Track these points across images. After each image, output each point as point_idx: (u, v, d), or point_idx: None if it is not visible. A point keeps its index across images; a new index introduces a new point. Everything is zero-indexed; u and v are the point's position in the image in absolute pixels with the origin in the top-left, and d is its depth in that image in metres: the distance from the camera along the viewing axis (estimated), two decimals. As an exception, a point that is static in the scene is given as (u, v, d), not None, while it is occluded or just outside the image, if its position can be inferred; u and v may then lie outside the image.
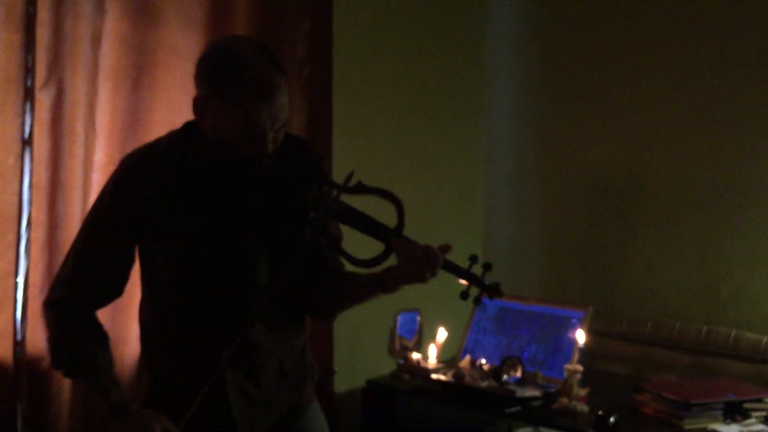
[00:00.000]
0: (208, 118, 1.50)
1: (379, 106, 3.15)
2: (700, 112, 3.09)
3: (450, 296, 3.34)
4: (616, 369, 3.16)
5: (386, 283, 1.55)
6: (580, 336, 2.48)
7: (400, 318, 2.75)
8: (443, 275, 1.52)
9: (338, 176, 1.59)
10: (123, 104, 2.34)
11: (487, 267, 1.55)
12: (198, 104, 1.50)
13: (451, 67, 3.49)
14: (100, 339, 1.63)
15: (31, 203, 2.15)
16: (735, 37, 2.99)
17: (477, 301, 1.53)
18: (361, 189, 1.52)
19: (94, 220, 1.60)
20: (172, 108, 2.38)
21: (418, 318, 2.79)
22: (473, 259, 1.53)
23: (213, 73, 1.48)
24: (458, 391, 2.46)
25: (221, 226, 1.56)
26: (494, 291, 1.54)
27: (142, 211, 1.55)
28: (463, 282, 1.52)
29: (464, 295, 1.53)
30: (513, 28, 3.64)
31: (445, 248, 1.52)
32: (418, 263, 1.47)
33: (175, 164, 1.56)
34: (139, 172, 1.57)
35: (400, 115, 3.25)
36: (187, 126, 1.60)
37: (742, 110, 3.01)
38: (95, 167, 2.27)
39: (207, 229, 1.56)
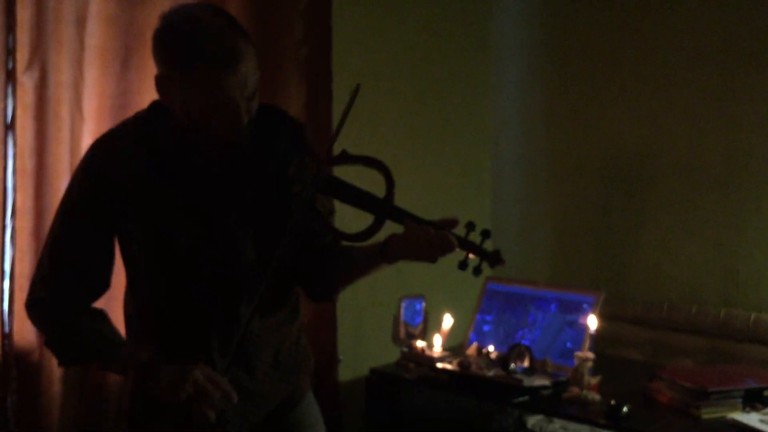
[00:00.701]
0: (173, 97, 1.41)
1: (382, 88, 3.05)
2: (715, 88, 2.98)
3: (456, 281, 3.27)
4: (630, 354, 3.08)
5: (389, 254, 1.47)
6: (592, 322, 2.38)
7: (404, 304, 2.66)
8: (448, 255, 1.43)
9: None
10: (111, 87, 2.25)
11: (486, 234, 1.45)
12: (160, 83, 1.41)
13: (457, 45, 3.39)
14: (97, 316, 1.53)
15: (15, 191, 2.08)
16: (751, 9, 2.87)
17: (477, 271, 1.43)
18: (345, 158, 1.44)
19: (65, 211, 1.50)
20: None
21: (423, 304, 2.70)
22: (470, 226, 1.44)
23: (170, 49, 1.39)
24: (464, 380, 2.37)
25: (200, 208, 1.47)
26: (495, 259, 1.44)
27: (115, 199, 1.46)
28: (461, 251, 1.43)
29: (463, 264, 1.44)
30: (520, 4, 3.53)
31: (452, 222, 1.43)
32: (429, 246, 1.40)
33: (145, 147, 1.47)
34: (108, 158, 1.47)
35: (404, 97, 3.16)
36: (154, 105, 1.50)
37: (758, 85, 2.90)
38: (83, 153, 2.16)
39: (185, 213, 1.47)
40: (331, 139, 1.42)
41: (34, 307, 1.52)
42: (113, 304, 1.68)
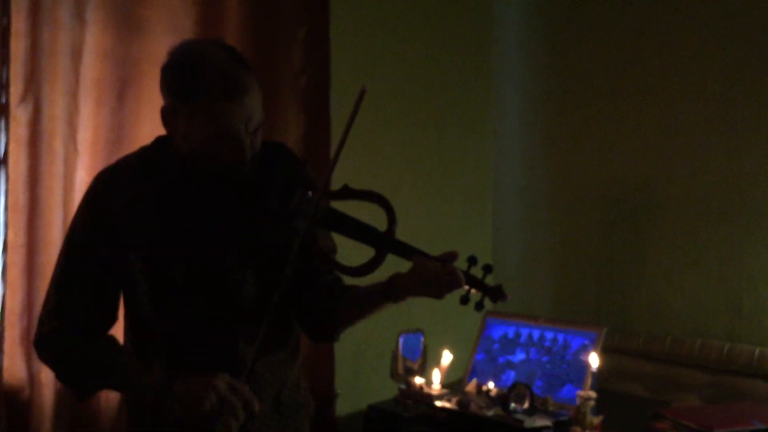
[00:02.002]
0: (178, 129, 1.41)
1: (382, 116, 3.02)
2: (718, 117, 2.95)
3: (455, 316, 3.23)
4: (632, 389, 3.02)
5: (393, 293, 1.44)
6: (593, 360, 2.34)
7: (402, 339, 2.62)
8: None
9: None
10: (106, 119, 2.23)
11: (487, 269, 1.44)
12: (166, 115, 1.42)
13: (457, 73, 3.37)
14: (106, 342, 1.50)
15: (7, 226, 2.05)
16: (754, 38, 2.85)
17: (479, 306, 1.41)
18: (347, 193, 1.43)
19: (69, 245, 1.50)
20: (159, 122, 2.24)
21: (422, 339, 2.65)
22: (471, 260, 1.42)
23: (176, 81, 1.39)
24: (463, 419, 2.32)
25: (201, 242, 1.45)
26: (497, 294, 1.41)
27: (119, 228, 1.45)
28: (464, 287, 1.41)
29: (464, 299, 1.42)
30: (521, 32, 3.52)
31: (452, 256, 1.40)
32: (437, 283, 1.38)
33: (148, 178, 1.46)
34: (111, 190, 1.47)
35: (403, 125, 3.13)
36: (159, 140, 1.51)
37: (761, 115, 2.86)
38: (77, 187, 2.15)
39: (186, 247, 1.45)
40: (334, 157, 1.40)
41: (41, 343, 1.49)
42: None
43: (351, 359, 2.89)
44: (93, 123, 2.21)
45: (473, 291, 1.42)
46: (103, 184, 1.49)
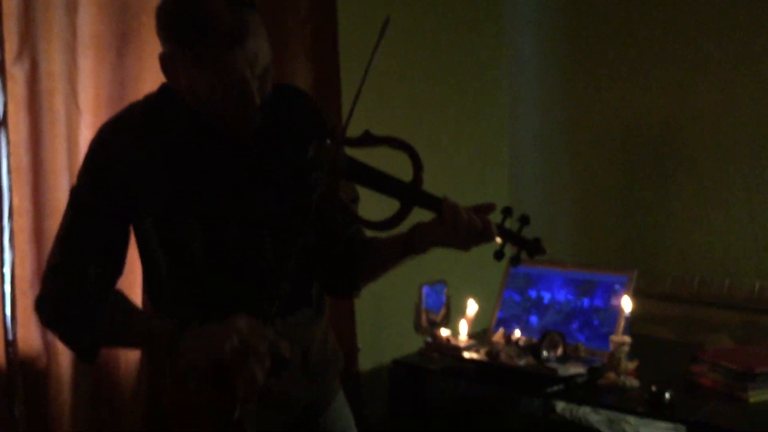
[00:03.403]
0: (179, 77, 1.29)
1: (392, 64, 2.91)
2: (746, 50, 2.82)
3: (478, 264, 3.15)
4: (660, 332, 2.96)
5: (416, 245, 1.36)
6: (626, 303, 2.26)
7: (425, 291, 2.54)
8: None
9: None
10: (107, 76, 2.12)
11: (524, 221, 1.34)
12: (164, 62, 1.30)
13: (469, 17, 3.25)
14: (112, 295, 1.40)
15: (11, 190, 1.96)
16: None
17: (515, 261, 1.33)
18: (368, 139, 1.33)
19: (75, 201, 1.39)
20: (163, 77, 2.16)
21: (445, 290, 2.57)
22: (507, 211, 1.33)
23: (173, 25, 1.27)
24: (493, 370, 2.25)
25: (212, 201, 1.36)
26: (535, 248, 1.32)
27: (126, 187, 1.35)
28: (498, 240, 1.31)
29: (499, 254, 1.33)
30: (532, -30, 3.38)
31: (489, 208, 1.32)
32: (467, 234, 1.29)
33: (155, 132, 1.36)
34: (117, 144, 1.36)
35: (414, 73, 3.02)
36: (164, 88, 1.39)
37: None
38: (81, 148, 2.05)
39: (198, 204, 1.35)
40: (354, 100, 1.29)
41: (46, 302, 1.39)
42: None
43: (371, 314, 2.83)
44: (94, 80, 2.10)
45: (508, 245, 1.33)
46: (107, 138, 1.39)
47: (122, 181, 1.34)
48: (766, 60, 2.79)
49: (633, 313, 2.43)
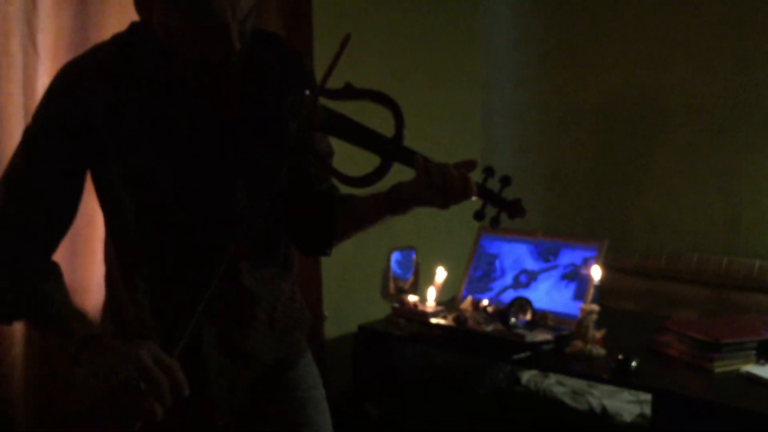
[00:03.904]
0: (154, 16, 1.21)
1: (366, 26, 2.85)
2: (724, 22, 2.80)
3: (446, 232, 3.12)
4: (627, 306, 2.96)
5: (397, 203, 1.31)
6: (596, 272, 2.24)
7: (393, 257, 2.50)
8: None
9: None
10: (68, 20, 2.03)
11: (505, 181, 1.30)
12: None
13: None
14: (50, 274, 1.32)
15: (-37, 137, 1.87)
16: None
17: (494, 222, 1.30)
18: (349, 92, 1.27)
19: (30, 142, 1.29)
20: (128, 23, 2.06)
21: (414, 256, 2.53)
22: (488, 171, 1.30)
23: None
24: (460, 336, 2.22)
25: (185, 144, 1.29)
26: (516, 209, 1.29)
27: (90, 128, 1.27)
28: (477, 199, 1.29)
29: (479, 214, 1.30)
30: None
31: (470, 165, 1.27)
32: (445, 190, 1.24)
33: (124, 70, 1.27)
34: (80, 82, 1.27)
35: (388, 37, 2.96)
36: (134, 26, 1.31)
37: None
38: (38, 94, 1.96)
39: (169, 149, 1.29)
40: (336, 54, 1.24)
41: None
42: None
43: (338, 280, 2.79)
44: (53, 22, 2.00)
45: (488, 205, 1.30)
46: (70, 76, 1.29)
47: (85, 121, 1.26)
48: (742, 36, 2.77)
49: (600, 286, 2.42)
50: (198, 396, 1.31)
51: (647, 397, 2.44)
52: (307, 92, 1.27)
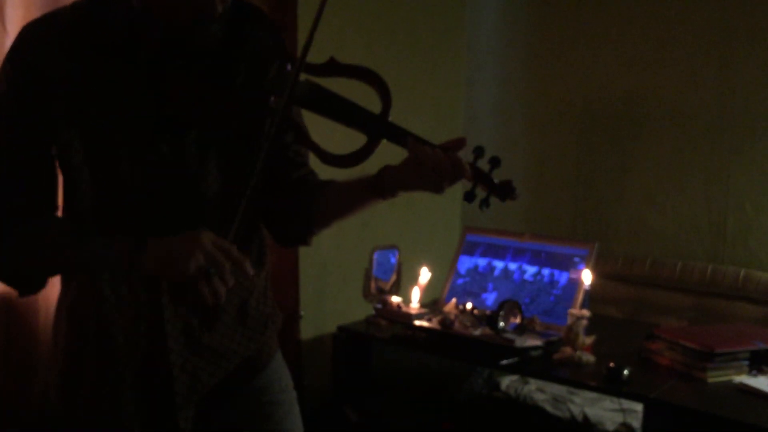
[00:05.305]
0: None
1: (348, 18, 2.75)
2: (709, 29, 2.78)
3: (430, 231, 3.03)
4: (610, 312, 2.91)
5: (384, 186, 1.24)
6: (586, 276, 2.17)
7: (375, 256, 2.41)
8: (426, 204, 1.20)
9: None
10: (39, -4, 1.91)
11: (495, 162, 1.24)
12: None
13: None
14: (54, 218, 1.23)
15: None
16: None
17: (485, 203, 1.24)
18: (333, 67, 1.19)
19: None
20: None
21: (397, 256, 2.45)
22: (478, 151, 1.23)
23: None
24: (445, 340, 2.14)
25: (154, 119, 1.18)
26: (507, 191, 1.23)
27: (50, 94, 1.16)
28: (468, 180, 1.22)
29: (469, 195, 1.22)
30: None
31: (458, 143, 1.21)
32: (439, 172, 1.18)
33: (88, 31, 1.16)
34: (41, 44, 1.16)
35: (371, 30, 2.88)
36: None
37: (759, 24, 2.70)
38: (6, 71, 1.84)
39: (135, 125, 1.18)
40: (312, 27, 1.15)
41: None
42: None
43: (316, 279, 2.69)
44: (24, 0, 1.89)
45: (479, 187, 1.22)
46: (28, 38, 1.18)
47: (45, 87, 1.16)
48: (729, 41, 2.75)
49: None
50: (160, 395, 1.24)
51: (631, 405, 2.39)
52: (289, 66, 1.18)
